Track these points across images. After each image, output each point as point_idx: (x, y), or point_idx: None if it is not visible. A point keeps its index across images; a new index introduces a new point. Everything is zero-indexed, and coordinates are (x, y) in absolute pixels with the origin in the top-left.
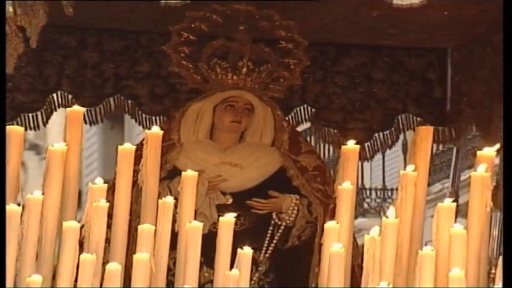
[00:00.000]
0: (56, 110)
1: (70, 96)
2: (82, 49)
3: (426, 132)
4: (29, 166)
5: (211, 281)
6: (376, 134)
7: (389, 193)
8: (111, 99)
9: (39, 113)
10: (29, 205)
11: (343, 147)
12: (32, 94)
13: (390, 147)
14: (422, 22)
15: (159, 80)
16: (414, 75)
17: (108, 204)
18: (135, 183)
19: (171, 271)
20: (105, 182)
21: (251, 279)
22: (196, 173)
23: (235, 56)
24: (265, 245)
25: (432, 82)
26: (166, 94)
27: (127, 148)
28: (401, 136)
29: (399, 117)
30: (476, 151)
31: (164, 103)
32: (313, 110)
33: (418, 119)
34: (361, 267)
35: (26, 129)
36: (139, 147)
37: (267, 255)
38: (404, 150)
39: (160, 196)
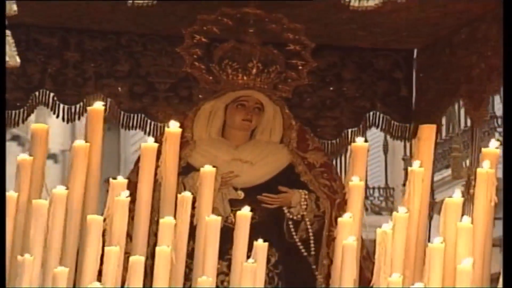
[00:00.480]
0: (36, 108)
1: (52, 94)
2: (64, 49)
3: (430, 131)
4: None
5: (223, 273)
6: (345, 131)
7: (371, 191)
8: (91, 98)
9: (21, 111)
10: (55, 199)
11: (353, 144)
12: (15, 92)
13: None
14: (389, 25)
15: (138, 79)
16: (382, 75)
17: (129, 198)
18: None
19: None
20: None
21: None
22: (214, 169)
23: (245, 58)
24: (276, 238)
25: (399, 82)
26: (145, 93)
27: (150, 145)
28: (382, 138)
29: (367, 114)
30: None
31: (143, 101)
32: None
33: (386, 116)
34: (365, 259)
35: (8, 125)
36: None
37: (277, 247)
38: (385, 151)
39: None
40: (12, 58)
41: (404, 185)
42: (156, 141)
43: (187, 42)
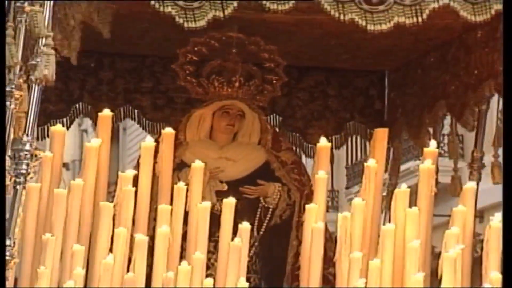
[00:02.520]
0: (77, 117)
1: (89, 106)
2: (99, 68)
3: (383, 133)
4: None
5: (210, 251)
6: (330, 138)
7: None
8: (122, 109)
9: (64, 120)
10: (73, 189)
11: (318, 144)
12: (59, 104)
13: (338, 148)
14: (369, 49)
15: (160, 94)
16: (359, 92)
17: (134, 188)
18: None
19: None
20: None
21: None
22: (203, 164)
23: (229, 73)
24: (255, 223)
25: (374, 97)
26: (165, 105)
27: (149, 144)
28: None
29: (348, 124)
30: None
31: (164, 112)
32: (281, 118)
33: (362, 125)
34: (327, 240)
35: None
36: None
37: (255, 231)
38: (332, 160)
39: None
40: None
41: (347, 188)
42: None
43: (181, 60)
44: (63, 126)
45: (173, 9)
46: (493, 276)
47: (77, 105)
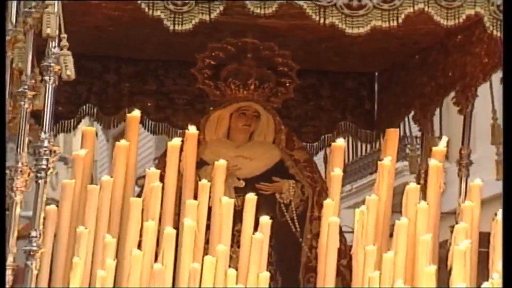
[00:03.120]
0: (84, 118)
1: (96, 108)
2: (105, 72)
3: (394, 133)
4: (59, 173)
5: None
6: (323, 136)
7: None
8: (126, 110)
9: (72, 120)
10: (103, 185)
11: (333, 144)
12: (68, 106)
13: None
14: (358, 52)
15: (162, 95)
16: (350, 93)
17: (161, 184)
18: None
19: None
20: None
21: None
22: (226, 162)
23: (245, 77)
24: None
25: (364, 98)
26: (167, 106)
27: (175, 143)
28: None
29: (340, 123)
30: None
31: (166, 113)
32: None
33: (354, 125)
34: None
35: (60, 132)
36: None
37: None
38: (325, 161)
39: None
40: (71, 72)
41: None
42: None
43: (199, 65)
44: (70, 125)
45: (162, 12)
46: (499, 268)
47: (84, 106)
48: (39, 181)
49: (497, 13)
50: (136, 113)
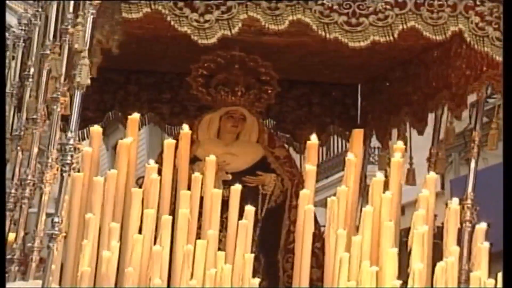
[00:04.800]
0: (109, 123)
1: (120, 114)
2: (127, 83)
3: (359, 133)
4: None
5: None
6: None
7: None
8: (146, 116)
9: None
10: (108, 177)
11: (308, 142)
12: (95, 112)
13: (321, 146)
14: (345, 65)
15: (176, 103)
16: (337, 101)
17: (159, 177)
18: None
19: None
20: None
21: None
22: (215, 158)
23: (233, 85)
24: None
25: (349, 105)
26: (181, 112)
27: (171, 142)
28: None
29: (328, 127)
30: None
31: (180, 118)
32: (275, 122)
33: (340, 128)
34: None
35: (89, 136)
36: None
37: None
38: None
39: None
40: (81, 79)
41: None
42: None
43: (193, 74)
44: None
45: (189, 28)
46: (452, 249)
47: (110, 112)
48: (64, 174)
49: (476, 29)
50: (136, 116)
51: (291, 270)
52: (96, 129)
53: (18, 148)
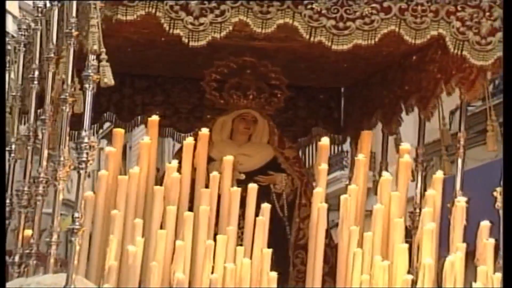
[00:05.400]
0: (104, 124)
1: (114, 115)
2: (122, 86)
3: (368, 135)
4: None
5: None
6: (299, 139)
7: None
8: (139, 117)
9: (96, 125)
10: (131, 176)
11: (319, 143)
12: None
13: (305, 147)
14: (330, 70)
15: (169, 105)
16: (322, 104)
17: (179, 175)
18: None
19: None
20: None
21: None
22: (232, 158)
23: (245, 88)
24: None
25: (333, 108)
26: (173, 114)
27: (190, 142)
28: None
29: (313, 129)
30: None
31: (172, 120)
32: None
33: (324, 130)
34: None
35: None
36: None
37: None
38: None
39: None
40: (109, 79)
41: None
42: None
43: (207, 79)
44: (94, 129)
45: (182, 31)
46: (459, 245)
47: (105, 114)
48: (80, 171)
49: (457, 34)
50: (155, 117)
51: (301, 265)
52: (118, 130)
53: (29, 148)
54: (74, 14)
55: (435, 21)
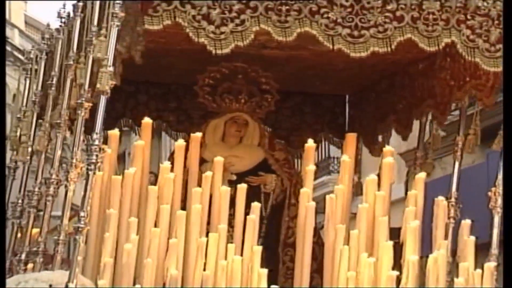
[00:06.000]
0: (122, 129)
1: (130, 121)
2: (137, 93)
3: (352, 138)
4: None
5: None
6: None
7: None
8: (154, 122)
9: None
10: (126, 176)
11: (306, 145)
12: (109, 119)
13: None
14: (336, 78)
15: (182, 111)
16: (328, 110)
17: (173, 175)
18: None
19: None
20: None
21: None
22: (223, 159)
23: (236, 93)
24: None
25: (338, 114)
26: (186, 120)
27: (181, 144)
28: None
29: (319, 134)
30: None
31: (185, 125)
32: (270, 129)
33: (330, 135)
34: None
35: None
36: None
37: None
38: None
39: None
40: (101, 85)
41: None
42: None
43: (200, 83)
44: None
45: (206, 39)
46: (441, 242)
47: (121, 120)
48: (89, 172)
49: (467, 41)
50: (148, 120)
51: (290, 262)
52: (114, 133)
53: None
54: (95, 23)
55: (446, 29)
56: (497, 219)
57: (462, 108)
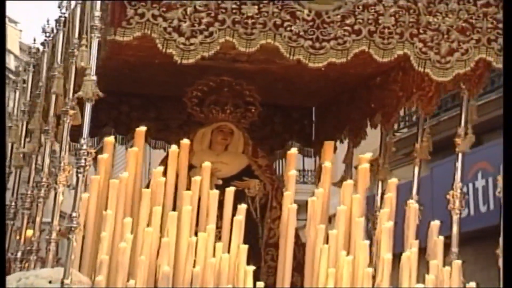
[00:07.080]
0: (104, 137)
1: (113, 130)
2: (119, 103)
3: (330, 145)
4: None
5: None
6: (277, 151)
7: None
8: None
9: (95, 138)
10: (121, 179)
11: (288, 152)
12: (92, 128)
13: (281, 159)
14: (302, 90)
15: (160, 121)
16: (296, 120)
17: (164, 179)
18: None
19: None
20: None
21: None
22: (211, 164)
23: (222, 104)
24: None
25: (305, 124)
26: (164, 129)
27: (175, 150)
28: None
29: (289, 142)
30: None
31: (163, 134)
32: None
33: (298, 144)
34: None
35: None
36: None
37: None
38: None
39: None
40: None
41: None
42: None
43: (189, 95)
44: (94, 142)
45: (174, 50)
46: (413, 242)
47: (104, 128)
48: (78, 175)
49: (420, 53)
50: (142, 128)
51: (271, 261)
52: (109, 140)
53: (33, 156)
54: (76, 35)
55: (400, 42)
56: (455, 219)
57: (420, 118)
